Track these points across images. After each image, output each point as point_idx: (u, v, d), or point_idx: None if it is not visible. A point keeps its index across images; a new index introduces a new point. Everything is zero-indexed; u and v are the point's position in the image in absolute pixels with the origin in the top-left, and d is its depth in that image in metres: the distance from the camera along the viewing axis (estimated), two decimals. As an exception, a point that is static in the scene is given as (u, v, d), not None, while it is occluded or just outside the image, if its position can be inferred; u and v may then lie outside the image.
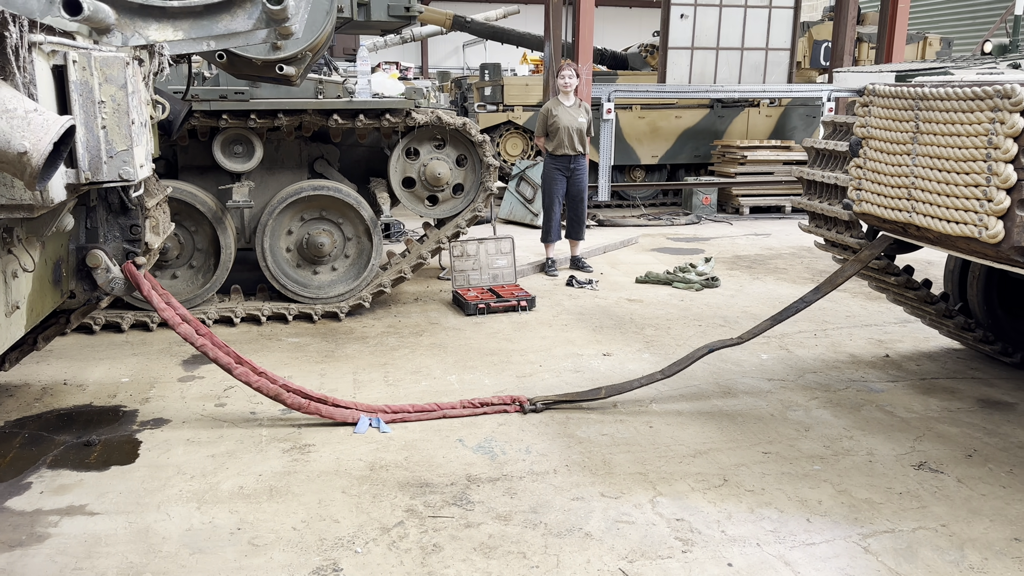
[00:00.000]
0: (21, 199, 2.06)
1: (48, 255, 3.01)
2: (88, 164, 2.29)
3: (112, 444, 3.56)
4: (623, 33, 26.60)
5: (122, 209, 3.29)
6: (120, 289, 3.29)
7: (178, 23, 1.59)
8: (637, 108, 11.22)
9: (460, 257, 6.13)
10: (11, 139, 1.74)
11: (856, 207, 3.73)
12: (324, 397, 3.79)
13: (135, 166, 2.37)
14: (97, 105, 2.23)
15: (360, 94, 5.36)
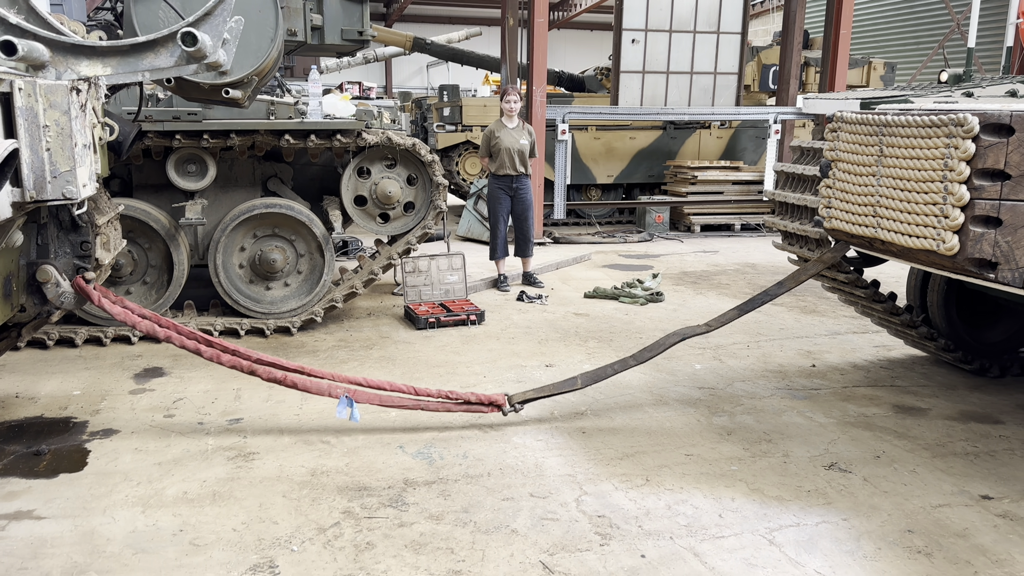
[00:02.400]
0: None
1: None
2: (33, 184, 2.44)
3: (61, 453, 3.66)
4: (583, 55, 27.13)
5: (73, 226, 3.43)
6: (70, 303, 3.41)
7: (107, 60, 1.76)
8: (593, 129, 11.53)
9: (412, 273, 6.31)
10: None
11: (826, 223, 4.02)
12: (300, 367, 3.85)
13: (78, 185, 2.52)
14: (42, 129, 2.39)
15: (311, 115, 5.53)
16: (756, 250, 9.71)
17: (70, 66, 1.72)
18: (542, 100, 9.68)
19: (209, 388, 4.53)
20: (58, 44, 1.69)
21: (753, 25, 21.18)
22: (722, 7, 10.54)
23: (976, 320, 4.90)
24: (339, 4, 5.69)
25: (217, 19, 1.75)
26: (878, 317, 4.95)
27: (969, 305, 4.88)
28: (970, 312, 4.89)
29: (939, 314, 4.82)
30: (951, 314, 4.83)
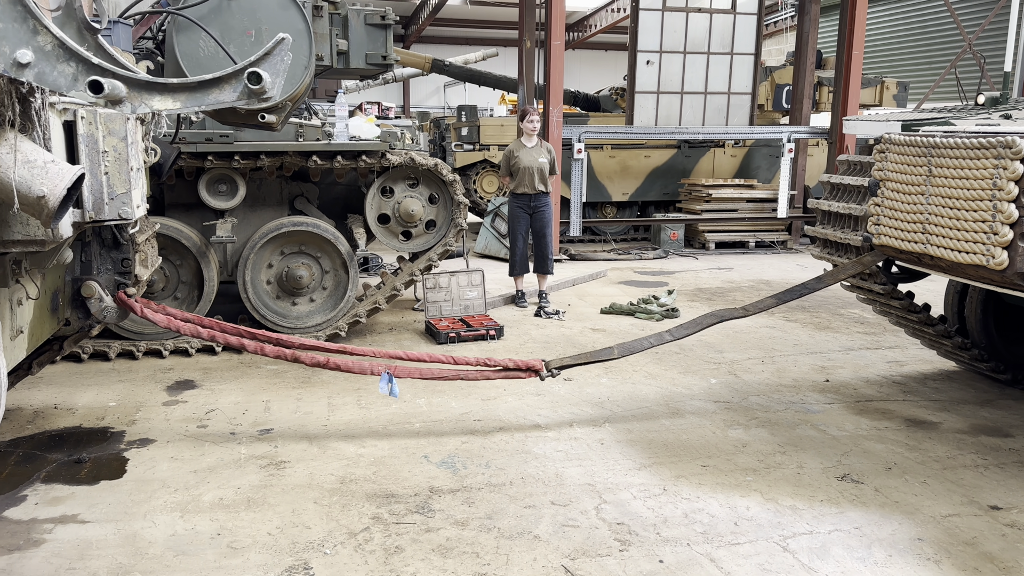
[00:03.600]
0: (35, 235, 2.39)
1: (48, 285, 3.31)
2: (92, 205, 2.63)
3: (101, 461, 3.83)
4: (599, 76, 27.38)
5: (114, 244, 3.61)
6: (112, 317, 3.59)
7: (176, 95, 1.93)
8: (608, 148, 11.70)
9: (433, 289, 6.47)
10: (31, 185, 2.07)
11: (875, 239, 4.19)
12: (343, 348, 4.04)
13: (133, 206, 2.71)
14: (101, 154, 2.58)
15: (338, 136, 5.73)
16: (770, 267, 9.81)
17: (144, 101, 1.89)
18: (558, 120, 9.86)
19: (239, 400, 4.69)
20: (134, 81, 1.86)
21: (767, 45, 21.36)
22: (736, 29, 10.71)
23: (1012, 333, 5.06)
24: (364, 29, 5.89)
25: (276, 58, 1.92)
26: (913, 328, 5.09)
27: (1005, 318, 5.04)
28: (1006, 325, 5.05)
29: (976, 327, 4.99)
30: (988, 327, 4.99)
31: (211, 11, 4.20)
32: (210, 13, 4.21)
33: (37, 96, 2.13)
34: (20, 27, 1.78)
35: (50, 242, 2.44)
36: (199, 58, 4.12)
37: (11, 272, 2.82)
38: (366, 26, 5.92)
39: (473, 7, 24.41)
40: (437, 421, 4.37)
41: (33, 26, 1.78)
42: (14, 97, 2.05)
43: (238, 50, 4.16)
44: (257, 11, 4.33)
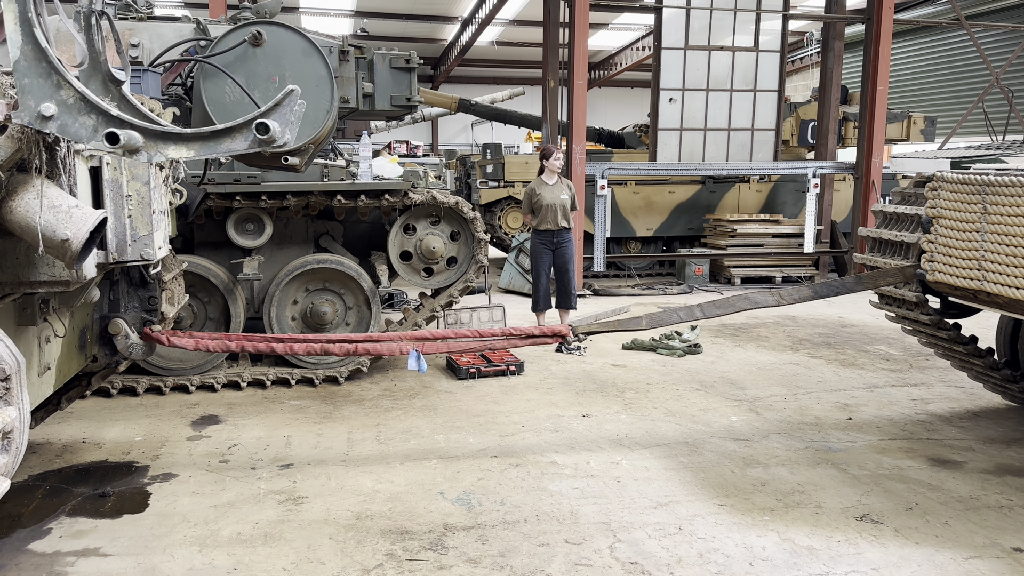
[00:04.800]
0: (60, 276, 2.49)
1: (76, 323, 3.43)
2: (115, 246, 2.74)
3: (125, 495, 3.91)
4: (624, 112, 27.61)
5: (141, 282, 3.73)
6: (138, 354, 3.69)
7: (190, 144, 2.03)
8: (632, 184, 11.78)
9: (454, 324, 6.53)
10: (56, 229, 2.17)
11: (929, 276, 4.21)
12: (369, 336, 4.17)
13: (155, 248, 2.82)
14: (125, 198, 2.70)
15: (362, 176, 5.86)
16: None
17: (160, 150, 2.00)
18: (581, 157, 9.97)
19: (262, 435, 4.77)
20: (150, 131, 1.97)
21: (792, 80, 21.42)
22: (759, 66, 10.78)
23: None
24: (389, 72, 6.05)
25: (286, 108, 2.01)
26: (960, 360, 5.06)
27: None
28: None
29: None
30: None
31: (237, 58, 4.37)
32: (236, 60, 4.37)
33: (63, 145, 2.26)
34: (45, 82, 1.89)
35: (74, 283, 2.54)
36: (226, 103, 4.27)
37: (39, 311, 2.94)
38: (391, 69, 6.08)
39: (500, 48, 24.85)
40: (454, 457, 4.40)
41: (57, 81, 1.89)
42: (41, 147, 2.17)
43: (263, 95, 4.31)
44: (281, 58, 4.49)
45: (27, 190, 2.20)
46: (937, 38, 17.69)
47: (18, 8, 1.89)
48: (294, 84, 4.42)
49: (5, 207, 2.23)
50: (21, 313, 2.90)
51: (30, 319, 2.89)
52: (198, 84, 4.30)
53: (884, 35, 10.58)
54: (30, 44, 1.90)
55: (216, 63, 4.14)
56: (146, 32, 5.39)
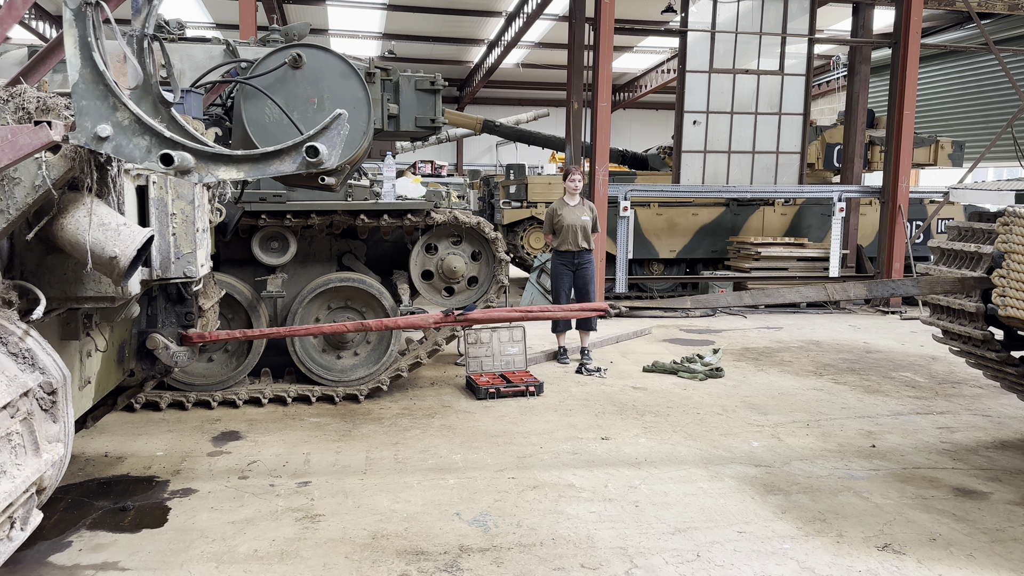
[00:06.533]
0: (105, 292, 2.56)
1: (115, 338, 3.49)
2: (160, 264, 2.83)
3: (144, 510, 3.94)
4: (648, 134, 27.64)
5: (179, 298, 3.80)
6: (183, 361, 3.75)
7: (241, 166, 2.07)
8: (655, 205, 11.77)
9: (474, 344, 6.54)
10: (105, 246, 2.23)
11: (1001, 311, 4.17)
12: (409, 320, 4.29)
13: (197, 265, 2.90)
14: (169, 216, 2.78)
15: (385, 196, 5.92)
16: (822, 327, 9.63)
17: (211, 171, 2.05)
18: (604, 179, 9.99)
19: (281, 452, 4.79)
20: (201, 153, 2.02)
21: (818, 104, 21.34)
22: (784, 89, 10.76)
23: None
24: (414, 94, 6.11)
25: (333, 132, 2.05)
26: (1009, 381, 5.00)
27: None
28: None
29: None
30: None
31: (277, 80, 4.45)
32: (276, 82, 4.45)
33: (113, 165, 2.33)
34: (101, 104, 1.95)
35: (119, 299, 2.60)
36: (265, 124, 4.36)
37: (82, 326, 3.01)
38: (416, 91, 6.14)
39: (525, 69, 25.03)
40: (472, 477, 4.39)
41: (113, 103, 1.95)
42: (92, 166, 2.24)
43: (301, 116, 4.39)
44: (320, 80, 4.56)
45: (77, 208, 2.26)
46: (965, 62, 17.54)
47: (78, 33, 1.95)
48: (332, 106, 4.52)
49: (56, 224, 2.29)
50: (64, 327, 2.96)
51: (73, 333, 2.95)
52: (238, 105, 4.39)
53: (911, 59, 10.52)
54: (88, 67, 1.95)
55: (257, 85, 4.22)
56: (177, 53, 5.51)
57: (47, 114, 2.14)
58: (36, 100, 2.14)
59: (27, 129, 1.90)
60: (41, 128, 1.90)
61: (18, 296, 2.37)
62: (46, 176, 2.11)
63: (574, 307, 4.44)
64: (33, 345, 2.21)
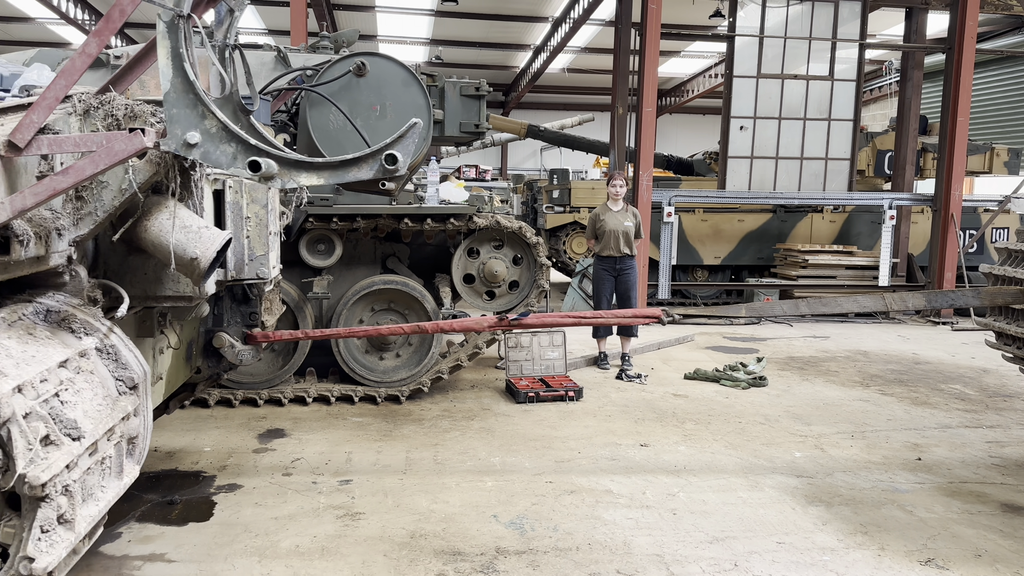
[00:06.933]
0: (183, 292, 2.68)
1: (185, 336, 3.62)
2: (234, 265, 2.95)
3: (191, 504, 4.06)
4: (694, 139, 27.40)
5: (244, 298, 3.92)
6: (247, 359, 3.87)
7: (321, 172, 2.14)
8: (700, 211, 11.67)
9: (514, 348, 6.58)
10: (187, 248, 2.33)
11: None
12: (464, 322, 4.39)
13: (269, 267, 3.00)
14: (244, 220, 2.89)
15: (429, 200, 5.99)
16: (870, 337, 9.45)
17: (292, 177, 2.12)
18: (648, 184, 9.95)
19: (324, 450, 4.89)
20: (284, 160, 2.10)
21: (870, 110, 20.92)
22: (834, 95, 10.59)
23: None
24: (459, 100, 6.18)
25: (408, 140, 2.11)
26: None
27: None
28: None
29: None
30: None
31: (341, 87, 4.56)
32: (340, 89, 4.56)
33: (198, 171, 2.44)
34: (191, 112, 2.04)
35: (196, 298, 2.72)
36: (329, 130, 4.48)
37: (157, 323, 3.13)
38: (461, 97, 6.21)
39: (570, 75, 25.04)
40: (509, 480, 4.42)
41: (202, 111, 2.03)
42: (176, 171, 2.34)
43: (364, 123, 4.50)
44: (382, 88, 4.67)
45: (161, 211, 2.36)
46: (1021, 68, 17.03)
47: (171, 44, 2.03)
48: (394, 112, 4.61)
49: (140, 226, 2.39)
50: (140, 325, 3.08)
51: (148, 331, 3.07)
52: (303, 112, 4.51)
53: (966, 65, 10.26)
54: (180, 77, 2.04)
55: (322, 92, 4.34)
56: (230, 60, 5.65)
57: (134, 121, 2.24)
58: (124, 107, 2.24)
59: (122, 136, 1.98)
60: (135, 135, 1.98)
61: (103, 294, 2.48)
62: (132, 180, 2.21)
63: (627, 313, 4.43)
64: (117, 341, 2.31)
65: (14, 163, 1.99)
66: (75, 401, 2.00)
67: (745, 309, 4.34)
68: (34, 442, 1.78)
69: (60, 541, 1.83)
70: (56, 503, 1.80)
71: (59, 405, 1.94)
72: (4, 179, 1.95)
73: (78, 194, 2.21)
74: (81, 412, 1.98)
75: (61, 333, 2.19)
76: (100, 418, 2.06)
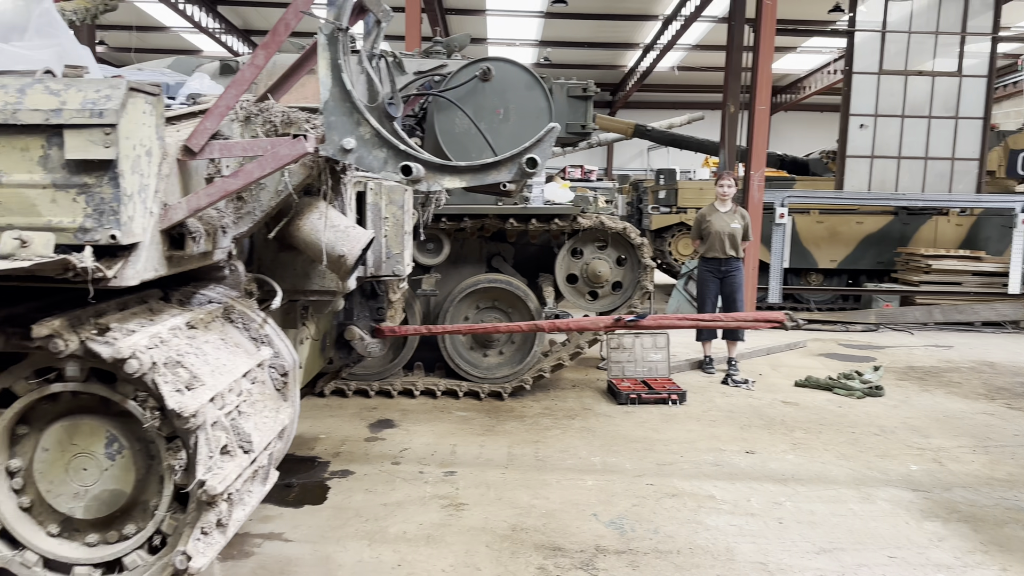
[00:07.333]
0: (328, 287, 2.89)
1: (321, 329, 3.85)
2: (373, 262, 3.14)
3: (307, 487, 4.29)
4: (810, 138, 26.38)
5: (372, 294, 4.13)
6: (376, 352, 4.08)
7: (463, 175, 2.25)
8: (816, 213, 11.25)
9: (616, 349, 6.57)
10: (335, 246, 2.50)
11: None
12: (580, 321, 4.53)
13: (405, 265, 3.19)
14: (382, 220, 3.07)
15: (534, 201, 6.07)
16: (997, 347, 8.87)
17: (437, 180, 2.24)
18: (760, 184, 9.69)
19: (430, 442, 5.05)
20: (430, 164, 2.22)
21: (1002, 107, 19.57)
22: (962, 91, 10.01)
23: None
24: (566, 101, 6.23)
25: (547, 144, 2.19)
26: None
27: None
28: None
29: None
30: None
31: (467, 92, 4.73)
32: (466, 94, 4.73)
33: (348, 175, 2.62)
34: (347, 120, 2.18)
35: (340, 293, 2.91)
36: (454, 134, 4.66)
37: (299, 316, 3.36)
38: (568, 98, 6.26)
39: (680, 72, 24.63)
40: (610, 480, 4.44)
41: (357, 119, 2.18)
42: (328, 174, 2.52)
43: (488, 126, 4.65)
44: (506, 92, 4.80)
45: (312, 211, 2.55)
46: None
47: (330, 56, 2.19)
48: (517, 116, 4.75)
49: (292, 225, 2.59)
50: (285, 317, 3.31)
51: (292, 323, 3.30)
52: (431, 116, 4.70)
53: (1117, 55, 9.47)
54: (338, 86, 2.19)
55: (449, 97, 4.51)
56: (347, 66, 5.91)
57: (290, 127, 2.42)
58: (281, 114, 2.42)
59: (287, 141, 2.14)
60: (299, 140, 2.14)
61: (257, 288, 2.68)
62: (288, 182, 2.39)
63: (748, 316, 4.35)
64: (271, 332, 2.50)
65: (188, 166, 2.18)
66: (250, 413, 2.15)
67: (875, 316, 4.20)
68: (214, 451, 1.93)
69: (214, 543, 1.97)
70: (219, 508, 1.94)
71: (238, 416, 2.09)
72: (179, 180, 2.13)
73: (239, 195, 2.39)
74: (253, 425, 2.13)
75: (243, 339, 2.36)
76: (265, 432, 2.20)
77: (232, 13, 19.43)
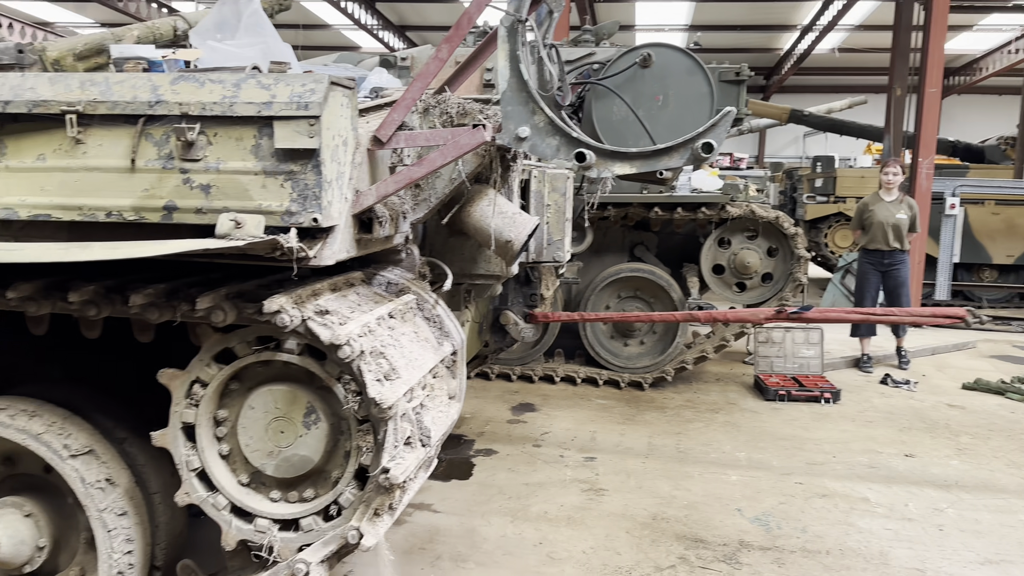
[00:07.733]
0: (492, 271, 3.04)
1: (479, 312, 4.03)
2: (535, 249, 3.25)
3: (454, 463, 4.47)
4: (987, 123, 24.21)
5: (526, 281, 4.26)
6: (529, 336, 4.22)
7: (633, 161, 2.27)
8: (991, 203, 10.35)
9: (765, 343, 6.36)
10: (503, 231, 2.62)
11: None
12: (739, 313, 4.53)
13: (565, 251, 3.28)
14: (544, 207, 3.16)
15: (680, 189, 5.97)
16: None
17: (607, 167, 2.29)
18: (928, 172, 9.04)
19: (570, 427, 5.12)
20: (601, 151, 2.27)
21: None
22: None
23: None
24: (718, 86, 6.05)
25: (722, 128, 2.17)
26: None
27: None
28: None
29: None
30: None
31: (626, 80, 4.75)
32: (625, 82, 4.75)
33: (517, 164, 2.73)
34: (523, 109, 2.27)
35: (503, 278, 3.04)
36: (612, 121, 4.70)
37: (463, 299, 3.54)
38: (720, 83, 6.09)
39: (841, 55, 23.27)
40: (755, 476, 4.33)
41: (532, 108, 2.26)
42: (498, 163, 2.64)
43: (646, 114, 4.65)
44: (666, 77, 4.77)
45: (482, 198, 2.68)
46: None
47: (509, 47, 2.30)
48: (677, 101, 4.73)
49: (463, 211, 2.73)
50: (450, 299, 3.50)
51: (456, 305, 3.49)
52: (588, 104, 4.76)
53: None
54: (516, 77, 2.28)
55: (608, 85, 4.55)
56: (494, 57, 6.03)
57: (465, 117, 2.54)
58: (457, 105, 2.55)
59: (467, 131, 2.26)
60: (478, 130, 2.25)
61: (430, 270, 2.85)
62: (461, 170, 2.52)
63: (924, 311, 4.10)
64: (442, 312, 2.65)
65: (375, 155, 2.34)
66: (431, 407, 2.28)
67: None
68: (399, 442, 2.06)
69: (383, 524, 2.10)
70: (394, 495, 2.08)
71: (421, 410, 2.22)
72: (368, 169, 2.30)
73: (418, 183, 2.54)
74: (431, 419, 2.25)
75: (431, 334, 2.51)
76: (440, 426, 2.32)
77: (389, 9, 20.23)
